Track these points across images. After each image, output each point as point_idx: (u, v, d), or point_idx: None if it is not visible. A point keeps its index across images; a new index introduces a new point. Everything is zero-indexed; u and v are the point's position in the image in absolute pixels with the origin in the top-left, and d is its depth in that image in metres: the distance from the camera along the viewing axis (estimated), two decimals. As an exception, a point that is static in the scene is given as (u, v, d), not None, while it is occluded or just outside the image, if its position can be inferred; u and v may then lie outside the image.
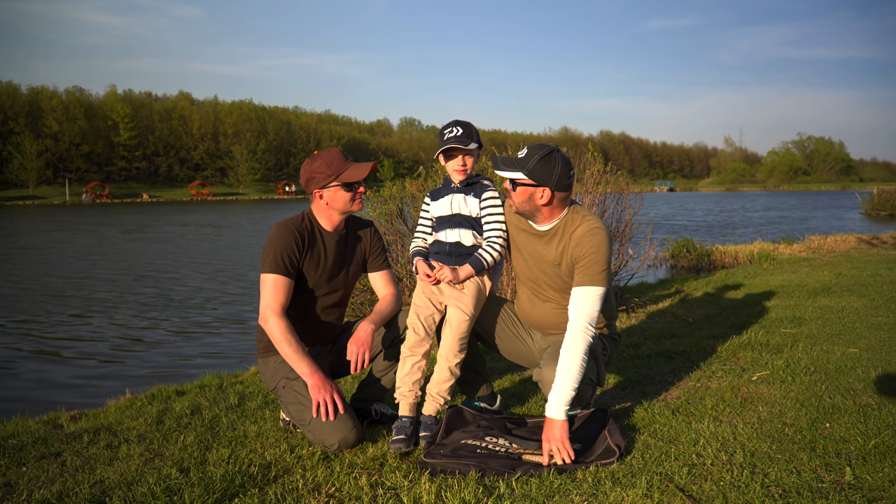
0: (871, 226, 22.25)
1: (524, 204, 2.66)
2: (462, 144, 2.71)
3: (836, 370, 3.58)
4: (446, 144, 2.73)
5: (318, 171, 2.78)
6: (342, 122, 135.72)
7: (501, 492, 2.21)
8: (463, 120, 2.80)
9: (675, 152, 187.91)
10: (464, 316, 2.71)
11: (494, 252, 2.76)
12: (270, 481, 2.38)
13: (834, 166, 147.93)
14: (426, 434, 2.66)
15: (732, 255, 10.66)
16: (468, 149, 2.74)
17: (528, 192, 2.62)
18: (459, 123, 2.77)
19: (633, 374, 3.70)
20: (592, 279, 2.56)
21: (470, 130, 2.76)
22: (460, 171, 2.78)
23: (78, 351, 7.27)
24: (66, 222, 34.69)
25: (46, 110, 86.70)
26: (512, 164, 2.63)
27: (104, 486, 2.35)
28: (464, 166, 2.77)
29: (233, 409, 3.35)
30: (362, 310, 5.90)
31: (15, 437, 2.96)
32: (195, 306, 9.91)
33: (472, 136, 2.75)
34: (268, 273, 2.71)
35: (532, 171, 2.58)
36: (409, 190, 6.28)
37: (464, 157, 2.76)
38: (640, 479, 2.24)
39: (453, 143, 2.72)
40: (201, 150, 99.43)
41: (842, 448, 2.48)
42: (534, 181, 2.59)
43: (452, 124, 2.77)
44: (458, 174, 2.79)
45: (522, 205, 2.67)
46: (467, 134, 2.74)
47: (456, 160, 2.77)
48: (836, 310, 5.43)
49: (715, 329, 4.87)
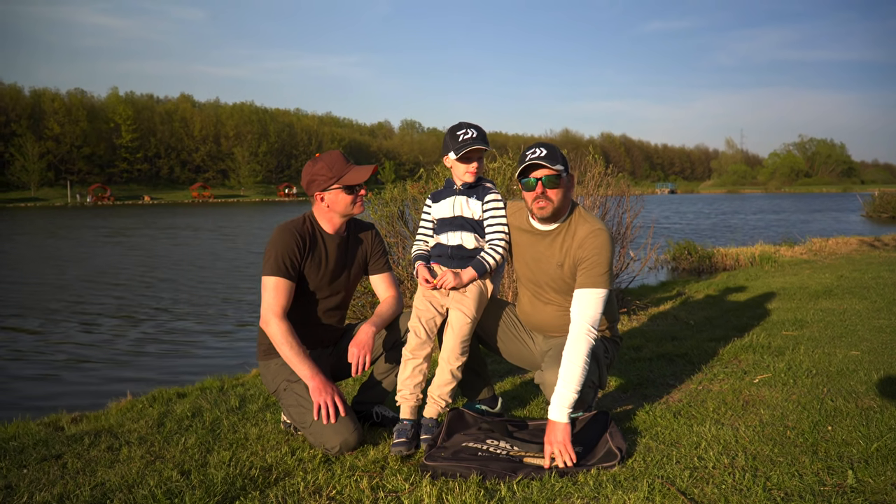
0: (873, 228, 22.22)
1: (563, 199, 2.65)
2: (483, 146, 2.71)
3: (838, 373, 3.57)
4: (467, 146, 2.69)
5: (320, 174, 2.78)
6: (343, 124, 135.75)
7: (503, 495, 2.21)
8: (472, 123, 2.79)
9: (676, 154, 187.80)
10: (465, 319, 2.71)
11: (497, 255, 2.76)
12: (271, 484, 2.38)
13: (835, 168, 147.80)
14: (427, 437, 2.65)
15: (734, 258, 10.64)
16: (486, 150, 2.74)
17: (563, 186, 2.63)
18: (471, 126, 2.75)
19: (634, 377, 3.70)
20: (595, 281, 2.56)
21: (482, 132, 2.75)
22: (472, 174, 2.76)
23: (79, 352, 7.28)
24: (68, 225, 34.72)
25: (48, 112, 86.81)
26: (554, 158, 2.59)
27: (105, 489, 2.35)
28: (478, 169, 2.76)
29: (234, 411, 3.35)
30: (363, 312, 5.90)
31: (16, 440, 2.96)
32: (197, 308, 9.91)
33: (483, 138, 2.74)
34: (269, 276, 2.71)
35: (564, 163, 2.62)
36: (410, 192, 6.29)
37: (477, 161, 2.75)
38: (642, 483, 2.24)
39: (474, 144, 2.69)
40: (203, 152, 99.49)
41: (844, 451, 2.47)
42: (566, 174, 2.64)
43: (465, 126, 2.74)
44: (471, 176, 2.77)
45: (561, 200, 2.64)
46: (482, 136, 2.73)
47: (472, 163, 2.75)
48: (838, 312, 5.43)
49: (716, 331, 4.87)
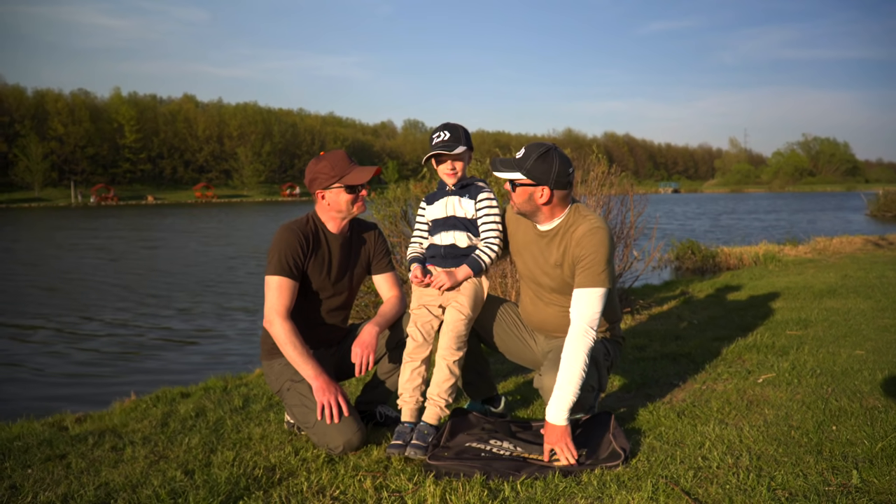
0: (877, 227, 22.16)
1: (525, 204, 2.66)
2: (447, 150, 2.73)
3: (843, 372, 3.56)
4: (433, 150, 2.76)
5: (322, 172, 2.79)
6: (346, 124, 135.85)
7: (506, 495, 2.20)
8: (453, 123, 2.81)
9: (680, 153, 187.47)
10: (460, 316, 2.71)
11: (492, 253, 2.77)
12: (275, 484, 2.38)
13: (839, 167, 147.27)
14: (418, 443, 2.57)
15: (737, 257, 10.62)
16: (454, 154, 2.75)
17: (527, 191, 2.62)
18: (447, 127, 2.78)
19: (637, 377, 3.69)
20: (593, 280, 2.55)
21: (457, 134, 2.77)
22: (450, 175, 2.80)
23: (82, 352, 7.30)
24: (78, 225, 34.79)
25: (52, 113, 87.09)
26: (510, 164, 2.64)
27: (109, 489, 2.36)
28: (453, 170, 2.79)
29: (237, 411, 3.35)
30: (366, 312, 5.90)
31: (20, 440, 2.97)
32: (200, 307, 9.92)
33: (460, 139, 2.76)
34: (272, 275, 2.72)
35: (530, 170, 2.58)
36: (413, 192, 6.29)
37: (452, 162, 2.78)
38: (646, 483, 2.23)
39: (439, 148, 2.74)
40: (206, 152, 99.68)
41: (848, 451, 2.46)
42: (532, 180, 2.59)
43: (441, 128, 2.79)
44: (449, 177, 2.81)
45: (523, 205, 2.66)
46: (454, 138, 2.75)
47: (445, 164, 2.79)
48: (843, 311, 5.41)
49: (720, 331, 4.86)
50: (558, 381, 2.47)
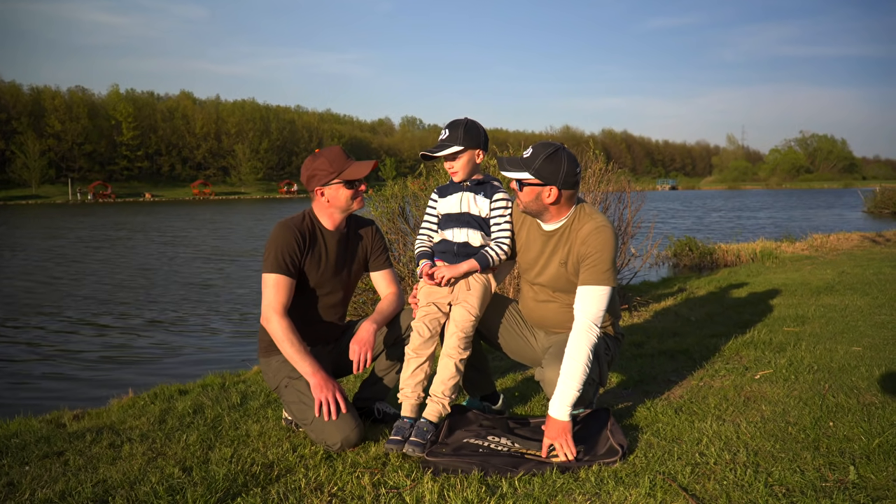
0: (875, 224, 22.19)
1: (532, 203, 2.65)
2: (437, 150, 2.72)
3: (840, 369, 3.57)
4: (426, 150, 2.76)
5: (320, 169, 2.78)
6: (344, 121, 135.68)
7: (504, 491, 2.21)
8: (459, 120, 2.77)
9: (678, 150, 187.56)
10: (468, 315, 2.70)
11: (501, 252, 2.76)
12: (273, 480, 2.38)
13: (837, 164, 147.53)
14: (417, 440, 2.56)
15: (735, 254, 10.63)
16: (443, 154, 2.72)
17: (534, 191, 2.62)
18: (449, 125, 2.76)
19: (635, 373, 3.70)
20: (598, 278, 2.56)
21: (455, 133, 2.72)
22: (452, 174, 2.79)
23: (79, 349, 7.29)
24: (71, 223, 34.72)
25: (49, 110, 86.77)
26: (517, 164, 2.62)
27: (107, 486, 2.35)
28: (451, 168, 2.78)
29: (235, 408, 3.35)
30: (364, 309, 5.90)
31: (18, 437, 2.96)
32: (198, 305, 9.91)
33: (457, 138, 2.72)
34: (269, 273, 2.71)
35: (538, 170, 2.58)
36: (410, 189, 6.29)
37: (449, 161, 2.77)
38: (644, 479, 2.24)
39: (430, 149, 2.74)
40: (204, 149, 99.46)
41: (845, 447, 2.47)
42: (540, 180, 2.58)
43: (447, 126, 2.77)
44: (452, 175, 2.80)
45: (530, 204, 2.66)
46: (451, 137, 2.72)
47: (447, 161, 2.78)
48: (840, 308, 5.42)
49: (718, 328, 4.87)
50: (561, 376, 2.48)
